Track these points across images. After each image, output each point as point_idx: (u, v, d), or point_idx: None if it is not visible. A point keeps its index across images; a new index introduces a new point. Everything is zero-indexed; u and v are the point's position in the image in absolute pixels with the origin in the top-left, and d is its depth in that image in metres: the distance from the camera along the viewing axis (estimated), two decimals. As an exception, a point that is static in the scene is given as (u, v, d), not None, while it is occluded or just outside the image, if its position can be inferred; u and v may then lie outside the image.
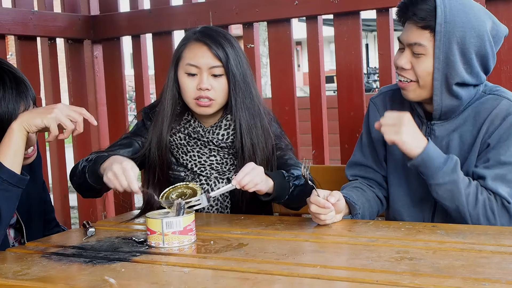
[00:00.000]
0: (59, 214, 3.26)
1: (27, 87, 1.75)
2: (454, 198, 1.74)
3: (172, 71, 2.00)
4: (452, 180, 1.73)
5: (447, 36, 1.72)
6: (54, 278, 1.37)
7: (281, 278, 1.30)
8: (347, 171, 2.06)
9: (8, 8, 2.88)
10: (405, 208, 1.93)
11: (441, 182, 1.74)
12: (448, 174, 1.73)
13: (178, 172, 2.04)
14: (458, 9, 1.73)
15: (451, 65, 1.74)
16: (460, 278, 1.22)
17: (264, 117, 2.01)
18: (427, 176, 1.76)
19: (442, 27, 1.72)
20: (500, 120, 1.76)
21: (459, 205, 1.74)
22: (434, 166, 1.73)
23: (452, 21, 1.72)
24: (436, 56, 1.74)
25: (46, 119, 1.68)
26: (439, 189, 1.75)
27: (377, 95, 2.04)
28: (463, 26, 1.72)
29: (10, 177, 1.64)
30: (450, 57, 1.73)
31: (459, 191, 1.73)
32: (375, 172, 2.00)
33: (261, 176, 1.74)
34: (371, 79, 13.86)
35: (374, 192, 1.98)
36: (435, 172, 1.73)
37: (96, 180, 1.81)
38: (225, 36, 1.97)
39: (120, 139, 2.09)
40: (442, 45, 1.73)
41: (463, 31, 1.72)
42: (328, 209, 1.70)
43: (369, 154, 2.01)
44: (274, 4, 2.74)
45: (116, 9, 3.27)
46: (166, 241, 1.57)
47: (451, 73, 1.75)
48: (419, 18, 1.74)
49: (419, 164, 1.75)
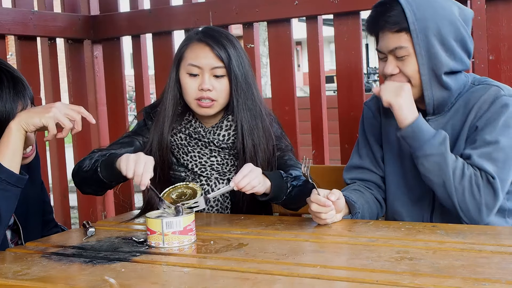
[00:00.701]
0: (59, 214, 3.27)
1: (24, 86, 1.75)
2: (441, 171, 1.74)
3: (174, 71, 2.00)
4: (440, 153, 1.74)
5: (422, 31, 1.76)
6: (54, 278, 1.37)
7: (281, 278, 1.30)
8: (345, 175, 2.07)
9: (8, 8, 2.88)
10: (404, 207, 1.94)
11: (428, 153, 1.75)
12: (436, 147, 1.75)
13: (179, 173, 2.04)
14: (423, 3, 1.78)
15: (434, 57, 1.78)
16: (460, 278, 1.22)
17: (265, 118, 2.01)
18: (415, 148, 1.77)
19: (415, 25, 1.76)
20: (488, 104, 1.79)
21: (445, 180, 1.74)
22: (424, 137, 1.76)
23: (422, 17, 1.76)
24: (417, 53, 1.78)
25: (45, 118, 1.68)
26: (426, 161, 1.75)
27: (370, 99, 2.07)
28: (434, 18, 1.77)
29: (8, 177, 1.64)
30: (431, 50, 1.77)
31: (446, 164, 1.73)
32: (373, 173, 2.01)
33: (259, 178, 1.74)
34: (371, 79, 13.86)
35: (372, 194, 1.98)
36: (424, 143, 1.75)
37: (108, 174, 1.81)
38: (227, 37, 1.97)
39: (121, 138, 2.08)
40: (421, 41, 1.77)
41: (435, 22, 1.77)
42: (329, 207, 1.70)
43: (366, 156, 2.03)
44: (274, 4, 2.74)
45: (116, 9, 3.27)
46: (166, 241, 1.57)
47: (437, 65, 1.78)
48: (392, 24, 1.79)
49: (408, 134, 1.78)
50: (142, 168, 1.66)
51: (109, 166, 1.80)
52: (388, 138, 1.98)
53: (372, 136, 2.02)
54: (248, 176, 1.71)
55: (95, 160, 1.87)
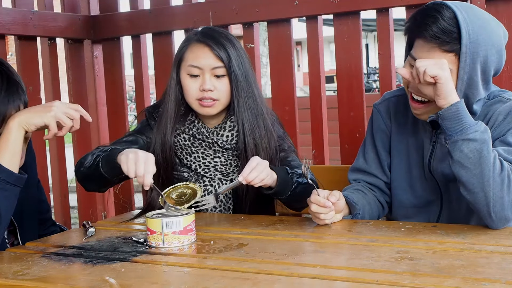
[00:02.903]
0: (59, 214, 3.27)
1: (18, 91, 1.72)
2: (481, 159, 1.56)
3: (174, 72, 2.00)
4: (483, 140, 1.57)
5: (472, 56, 1.65)
6: (54, 278, 1.37)
7: (281, 278, 1.30)
8: (349, 175, 2.04)
9: (8, 8, 2.88)
10: (409, 214, 1.90)
11: (471, 138, 1.57)
12: (480, 133, 1.58)
13: (182, 173, 2.04)
14: (478, 25, 1.65)
15: (473, 85, 1.68)
16: (460, 278, 1.22)
17: (267, 118, 2.01)
18: (456, 131, 1.59)
19: (467, 48, 1.64)
20: (503, 116, 1.72)
21: (484, 169, 1.56)
22: (467, 120, 1.59)
23: (475, 40, 1.64)
24: (459, 78, 1.66)
25: (46, 118, 1.68)
26: (467, 146, 1.57)
27: (381, 101, 1.99)
28: (486, 45, 1.65)
29: (8, 176, 1.64)
30: (473, 77, 1.67)
31: (488, 152, 1.57)
32: (378, 179, 1.97)
33: (266, 170, 1.74)
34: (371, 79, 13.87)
35: (375, 196, 1.96)
36: (467, 127, 1.58)
37: (109, 169, 1.80)
38: (226, 37, 1.97)
39: (125, 136, 2.07)
40: (467, 66, 1.65)
41: (486, 50, 1.66)
42: (329, 208, 1.70)
43: (371, 161, 1.98)
44: (274, 4, 2.74)
45: (116, 9, 3.27)
46: (166, 241, 1.57)
47: (473, 93, 1.69)
48: (443, 42, 1.64)
49: (452, 115, 1.59)
50: (143, 169, 1.65)
51: (110, 161, 1.78)
52: (398, 145, 1.92)
53: (380, 142, 1.96)
54: (256, 169, 1.70)
55: (96, 156, 1.86)
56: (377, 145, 1.97)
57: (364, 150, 2.01)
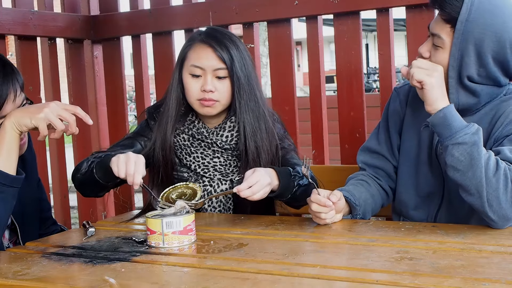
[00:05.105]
0: (59, 214, 3.26)
1: (13, 70, 1.72)
2: (472, 161, 1.57)
3: (177, 71, 2.00)
4: (473, 142, 1.58)
5: (465, 35, 1.66)
6: (54, 278, 1.37)
7: (281, 278, 1.30)
8: (358, 156, 2.02)
9: (8, 8, 2.88)
10: (411, 200, 1.90)
11: (460, 142, 1.58)
12: (470, 135, 1.59)
13: (182, 173, 2.04)
14: (486, 9, 1.66)
15: (465, 66, 1.70)
16: (460, 278, 1.22)
17: (268, 119, 2.00)
18: (445, 137, 1.61)
19: (462, 25, 1.66)
20: None
21: (476, 171, 1.57)
22: (456, 125, 1.61)
23: (474, 20, 1.65)
24: (452, 53, 1.69)
25: (35, 119, 1.65)
26: (457, 150, 1.59)
27: (402, 85, 1.99)
28: (484, 29, 1.65)
29: (2, 178, 1.62)
30: (465, 57, 1.69)
31: (479, 154, 1.58)
32: (387, 161, 1.97)
33: (265, 189, 1.72)
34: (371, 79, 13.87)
35: (380, 184, 1.96)
36: (456, 131, 1.60)
37: (102, 175, 1.82)
38: (230, 38, 1.97)
39: (122, 140, 2.08)
40: (459, 43, 1.67)
41: (482, 33, 1.66)
42: (329, 207, 1.70)
43: (383, 142, 1.98)
44: (274, 4, 2.74)
45: (116, 9, 3.27)
46: (166, 241, 1.57)
47: (465, 75, 1.71)
48: (444, 10, 1.68)
49: (439, 121, 1.63)
50: (133, 168, 1.68)
51: (103, 167, 1.80)
52: (409, 129, 1.92)
53: (393, 123, 1.96)
54: (252, 189, 1.69)
55: (91, 162, 1.88)
56: (390, 127, 1.98)
57: (378, 131, 2.01)
